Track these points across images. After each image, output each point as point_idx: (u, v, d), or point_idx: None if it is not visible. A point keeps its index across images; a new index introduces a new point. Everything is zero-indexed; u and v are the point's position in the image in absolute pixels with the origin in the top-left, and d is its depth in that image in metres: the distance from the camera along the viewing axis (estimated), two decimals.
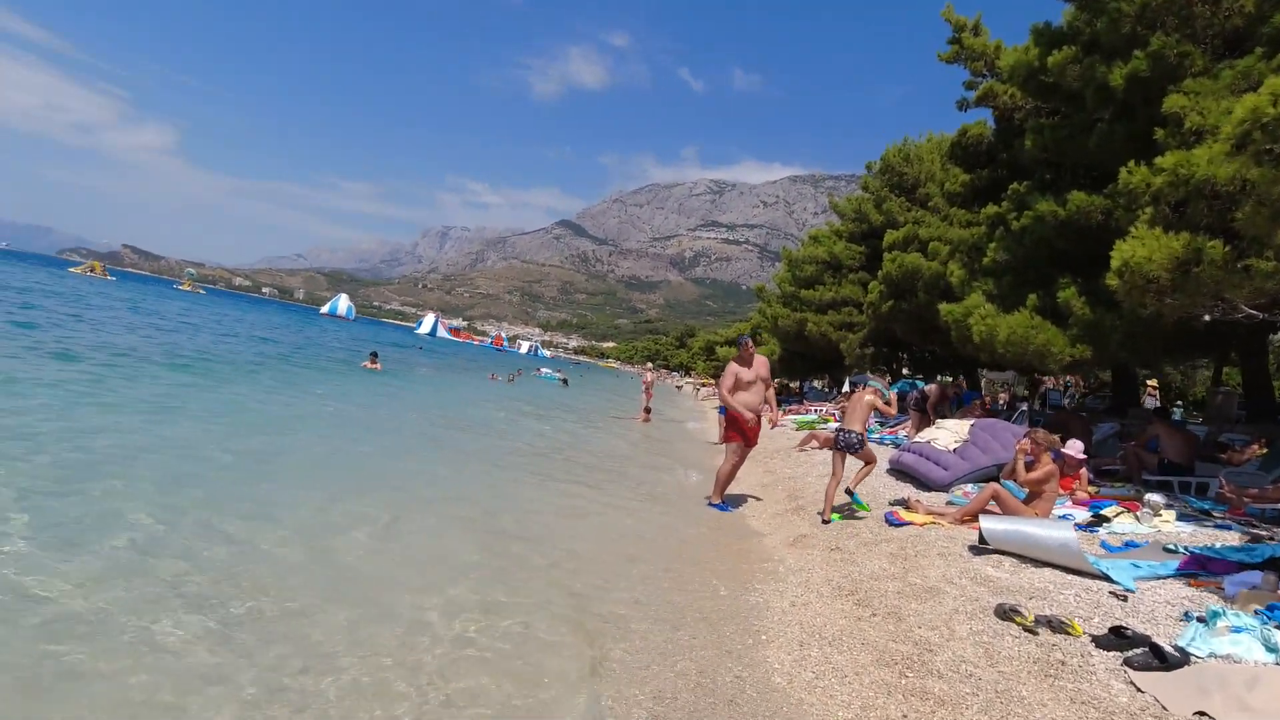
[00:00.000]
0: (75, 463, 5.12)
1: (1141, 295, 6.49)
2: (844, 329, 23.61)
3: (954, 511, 6.16)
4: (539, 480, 7.79)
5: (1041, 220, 9.57)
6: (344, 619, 3.37)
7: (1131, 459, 8.54)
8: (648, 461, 11.07)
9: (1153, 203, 6.75)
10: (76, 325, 16.30)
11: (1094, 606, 3.80)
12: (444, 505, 5.94)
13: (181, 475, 5.34)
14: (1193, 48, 7.24)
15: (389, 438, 9.32)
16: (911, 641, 3.56)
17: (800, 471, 9.80)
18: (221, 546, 4.02)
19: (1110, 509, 6.28)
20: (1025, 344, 9.28)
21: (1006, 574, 4.42)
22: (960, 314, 10.76)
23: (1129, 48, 7.87)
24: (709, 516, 7.15)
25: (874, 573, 4.79)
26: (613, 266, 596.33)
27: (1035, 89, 10.29)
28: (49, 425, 6.13)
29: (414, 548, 4.66)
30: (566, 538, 5.46)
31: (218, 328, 26.36)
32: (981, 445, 8.40)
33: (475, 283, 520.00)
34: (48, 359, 10.15)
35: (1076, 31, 9.31)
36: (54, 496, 4.32)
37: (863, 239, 24.31)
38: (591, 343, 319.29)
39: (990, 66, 12.74)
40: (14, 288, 25.91)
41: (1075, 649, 3.28)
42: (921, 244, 15.83)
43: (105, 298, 31.24)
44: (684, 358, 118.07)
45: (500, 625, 3.58)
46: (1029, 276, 10.29)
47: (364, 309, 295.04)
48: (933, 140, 21.55)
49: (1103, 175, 9.62)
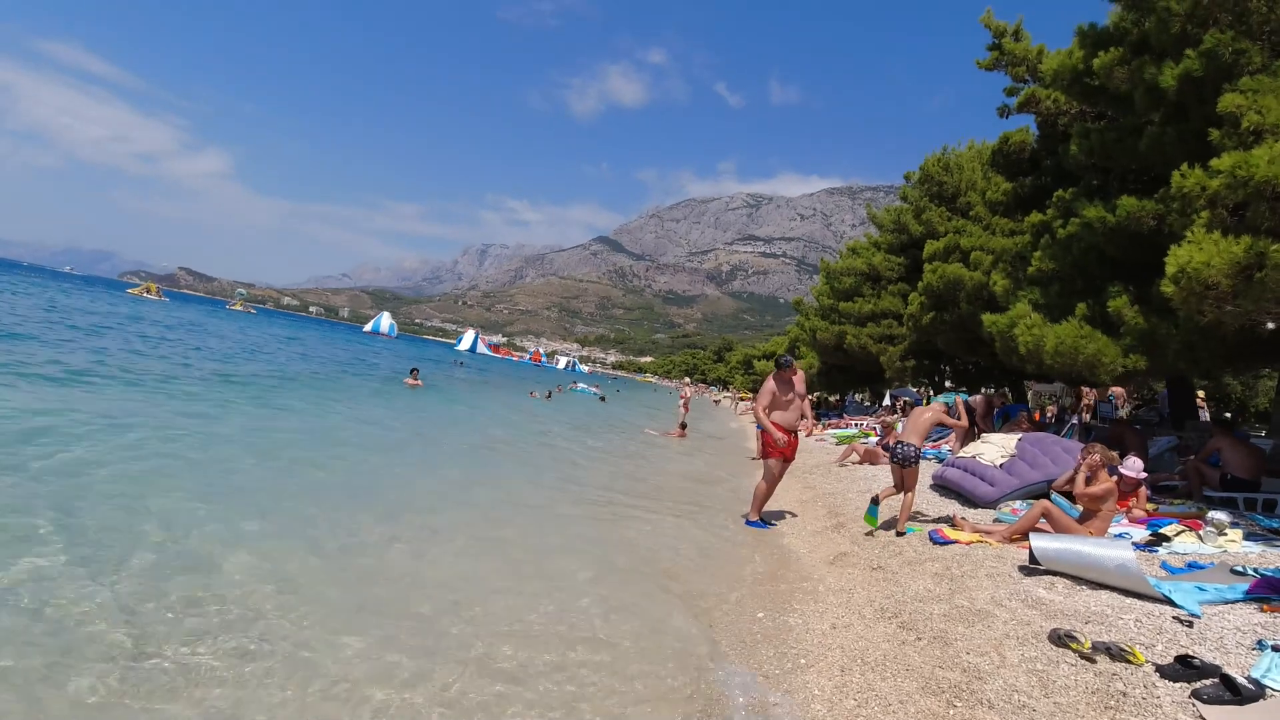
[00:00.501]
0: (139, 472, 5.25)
1: (1200, 302, 6.20)
2: (884, 341, 23.17)
3: (1002, 529, 5.93)
4: (574, 495, 7.75)
5: (1090, 227, 9.25)
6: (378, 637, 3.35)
7: (1192, 474, 8.14)
8: (683, 477, 10.95)
9: (1209, 206, 6.47)
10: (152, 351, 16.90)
11: (1156, 633, 3.58)
12: (475, 526, 5.92)
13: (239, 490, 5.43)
14: (1249, 44, 6.93)
15: (436, 457, 9.40)
16: (959, 668, 3.39)
17: (840, 488, 9.57)
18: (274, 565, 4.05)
19: (1170, 527, 5.97)
20: (1075, 354, 8.94)
21: (1060, 596, 4.21)
22: (1005, 324, 10.44)
23: (1180, 47, 7.57)
24: (746, 534, 7.00)
25: (919, 594, 4.60)
26: (650, 281, 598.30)
27: (1080, 93, 9.99)
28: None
29: (443, 566, 4.65)
30: (599, 556, 5.38)
31: (263, 348, 27.07)
32: (1030, 460, 8.10)
33: (514, 299, 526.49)
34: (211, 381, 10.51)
35: (1123, 33, 9.01)
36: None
37: (902, 250, 23.90)
38: (629, 357, 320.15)
39: (1032, 72, 12.45)
40: (97, 312, 27.04)
41: (1138, 679, 3.08)
42: (963, 254, 15.48)
43: (161, 323, 32.31)
44: (722, 372, 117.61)
45: (532, 652, 3.52)
46: (1077, 285, 9.95)
47: (406, 326, 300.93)
48: (973, 148, 21.14)
49: (1153, 179, 9.28)
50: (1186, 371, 10.43)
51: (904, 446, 6.61)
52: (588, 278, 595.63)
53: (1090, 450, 5.86)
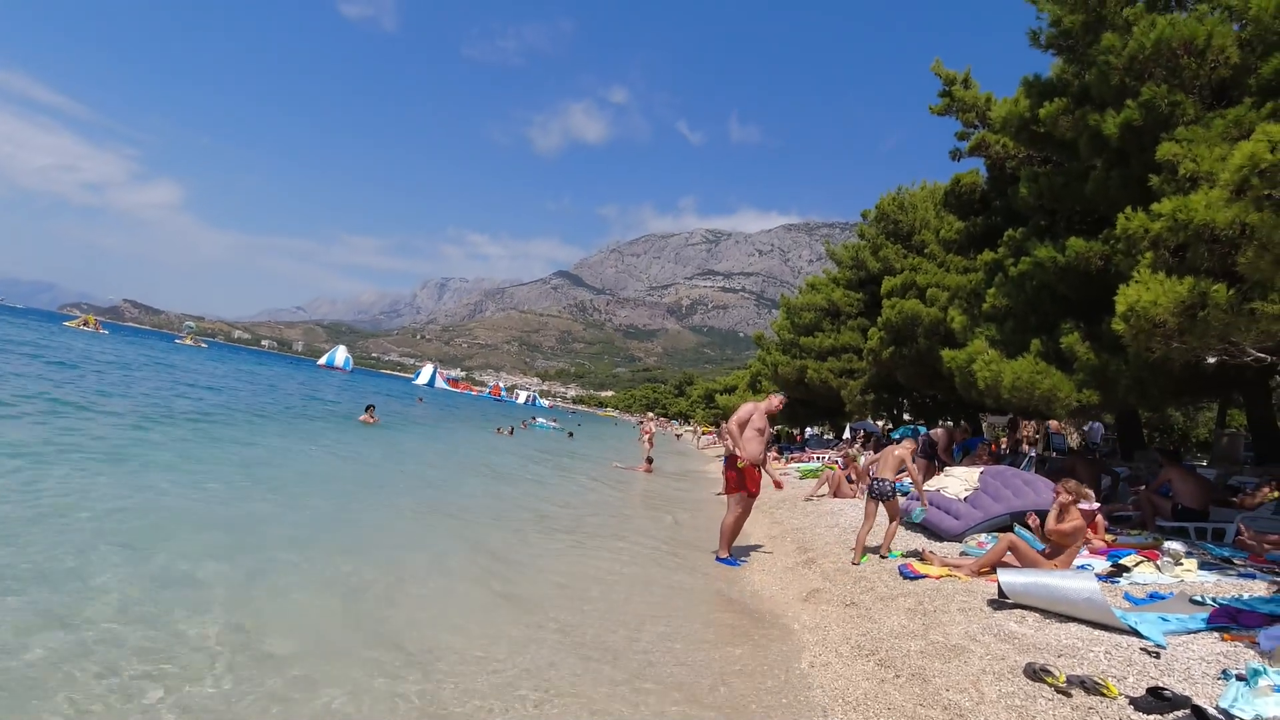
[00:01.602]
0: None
1: (1149, 339, 6.47)
2: (845, 376, 23.56)
3: (971, 563, 6.01)
4: (545, 534, 7.63)
5: (1041, 266, 9.63)
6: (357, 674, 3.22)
7: (1145, 505, 8.42)
8: (651, 515, 10.88)
9: (1153, 247, 6.80)
10: (99, 387, 16.22)
11: (1126, 664, 3.66)
12: (447, 566, 5.78)
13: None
14: (1183, 96, 7.39)
15: (383, 501, 9.17)
16: (940, 706, 3.40)
17: (809, 522, 9.62)
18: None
19: (1130, 558, 6.14)
20: (1031, 389, 9.23)
21: (1031, 630, 4.28)
22: (964, 360, 10.74)
23: (1119, 98, 8.03)
24: (718, 572, 6.97)
25: (894, 630, 4.63)
26: (610, 315, 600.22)
27: (1028, 139, 10.48)
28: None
29: (418, 608, 4.51)
30: (574, 597, 5.29)
31: (203, 385, 26.25)
32: (992, 493, 8.27)
33: (474, 333, 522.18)
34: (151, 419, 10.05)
35: (1066, 83, 9.52)
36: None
37: (860, 285, 24.47)
38: (590, 391, 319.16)
39: (982, 118, 13.02)
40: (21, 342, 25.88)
41: (1113, 712, 3.13)
42: (920, 290, 15.92)
43: (109, 356, 31.13)
44: (683, 406, 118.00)
45: (508, 687, 3.43)
46: (1031, 322, 10.32)
47: (362, 360, 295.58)
48: (926, 188, 21.88)
49: (1098, 221, 9.74)
50: (1137, 405, 10.83)
51: (879, 482, 6.98)
52: (548, 312, 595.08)
53: (1063, 484, 5.98)
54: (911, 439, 7.72)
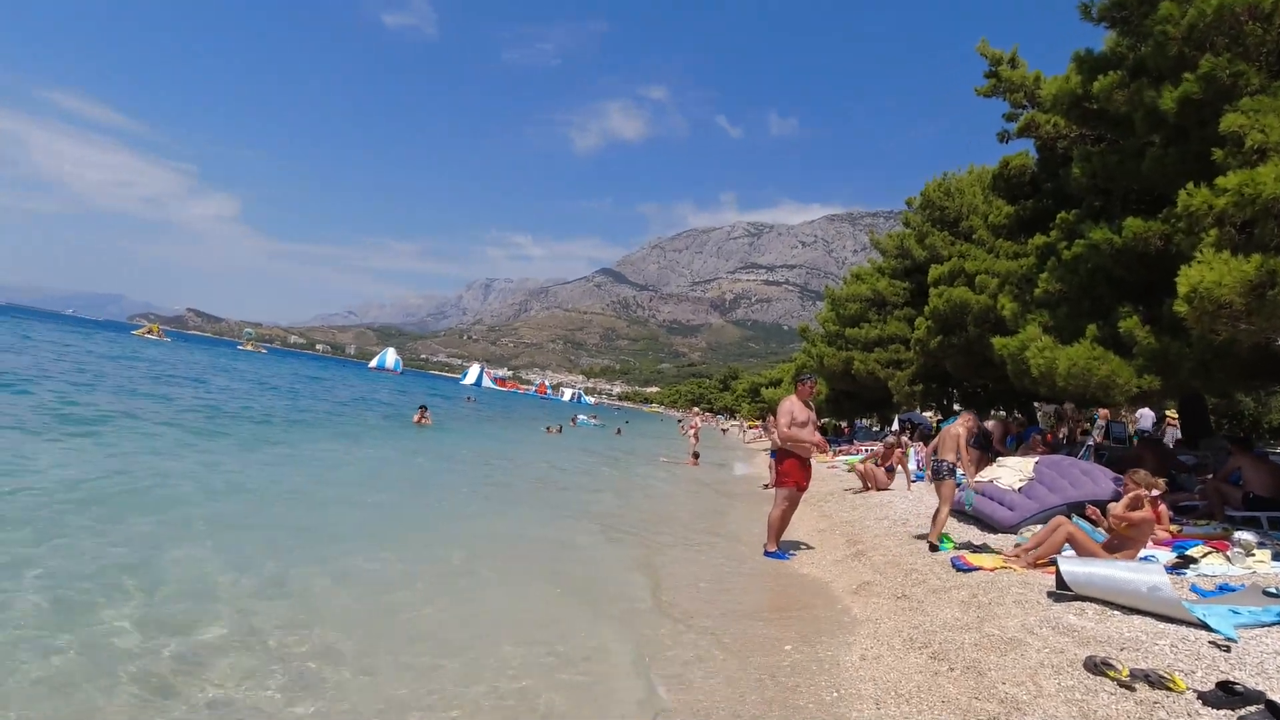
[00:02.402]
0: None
1: (1213, 321, 6.20)
2: (892, 366, 23.16)
3: (1027, 554, 5.86)
4: (597, 530, 7.70)
5: (1096, 248, 9.30)
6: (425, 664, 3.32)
7: (1213, 494, 8.06)
8: (699, 509, 10.88)
9: (1217, 224, 6.51)
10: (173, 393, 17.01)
11: (1194, 658, 3.52)
12: (505, 556, 5.89)
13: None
14: (1246, 65, 7.03)
15: (459, 504, 9.37)
16: (996, 699, 3.33)
17: (858, 515, 9.49)
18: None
19: (1197, 549, 5.91)
20: (1088, 376, 8.93)
21: (1091, 623, 4.15)
22: (1016, 347, 10.44)
23: (1178, 70, 7.69)
24: (767, 566, 6.93)
25: (947, 622, 4.54)
26: (654, 312, 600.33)
27: (1079, 116, 10.13)
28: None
29: (478, 601, 4.61)
30: (622, 591, 5.33)
31: (262, 389, 27.17)
32: (1048, 483, 8.04)
33: (519, 332, 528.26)
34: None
35: (1120, 57, 9.17)
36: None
37: (906, 275, 24.01)
38: (635, 388, 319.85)
39: (1030, 97, 12.63)
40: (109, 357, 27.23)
41: (1180, 707, 3.02)
42: (968, 277, 15.53)
43: (184, 363, 32.49)
44: (728, 400, 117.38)
45: (561, 677, 3.48)
46: (1086, 306, 9.98)
47: (412, 362, 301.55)
48: (973, 172, 21.33)
49: (1156, 200, 9.36)
50: (1201, 390, 10.39)
51: (939, 463, 7.00)
52: (591, 309, 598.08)
53: (1131, 475, 5.77)
54: (971, 415, 7.65)
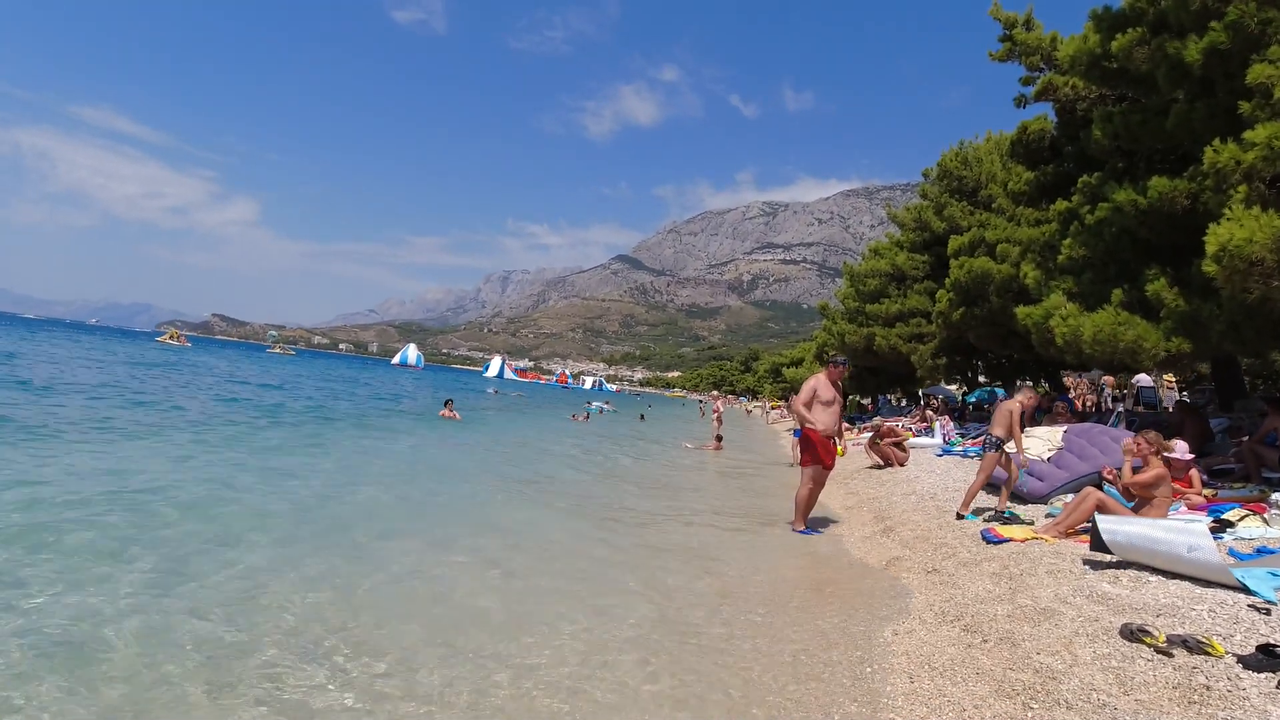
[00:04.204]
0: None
1: (1244, 280, 6.07)
2: (914, 341, 22.89)
3: (1057, 524, 5.80)
4: (623, 510, 7.74)
5: (1120, 211, 9.10)
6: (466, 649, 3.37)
7: (1249, 456, 7.89)
8: (724, 491, 10.89)
9: (1246, 180, 6.35)
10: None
11: (1233, 622, 3.47)
12: (535, 555, 5.95)
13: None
14: (1275, 13, 6.81)
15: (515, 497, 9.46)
16: (1031, 669, 3.31)
17: (884, 491, 9.45)
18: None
19: (1233, 512, 5.80)
20: (1114, 342, 8.76)
21: (1126, 590, 4.10)
22: (1040, 316, 10.27)
23: (1202, 21, 7.47)
24: (795, 543, 6.94)
25: (979, 595, 4.52)
26: (672, 296, 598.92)
27: (1099, 76, 9.88)
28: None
29: (516, 591, 4.66)
30: (651, 574, 5.36)
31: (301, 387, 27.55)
32: (1078, 452, 7.95)
33: (538, 323, 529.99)
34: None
35: (1140, 13, 8.90)
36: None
37: (925, 248, 23.68)
38: (656, 373, 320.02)
39: (1047, 59, 12.35)
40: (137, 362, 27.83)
41: (1220, 671, 2.98)
42: (989, 247, 15.29)
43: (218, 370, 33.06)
44: (750, 382, 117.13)
45: (605, 662, 3.52)
46: (1111, 271, 9.78)
47: (433, 357, 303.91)
48: (991, 140, 20.94)
49: (1182, 158, 9.13)
50: (1233, 352, 10.16)
51: (989, 437, 7.04)
52: (610, 297, 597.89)
53: (1142, 435, 5.77)
54: (1030, 389, 7.65)
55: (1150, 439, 5.66)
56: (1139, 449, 5.70)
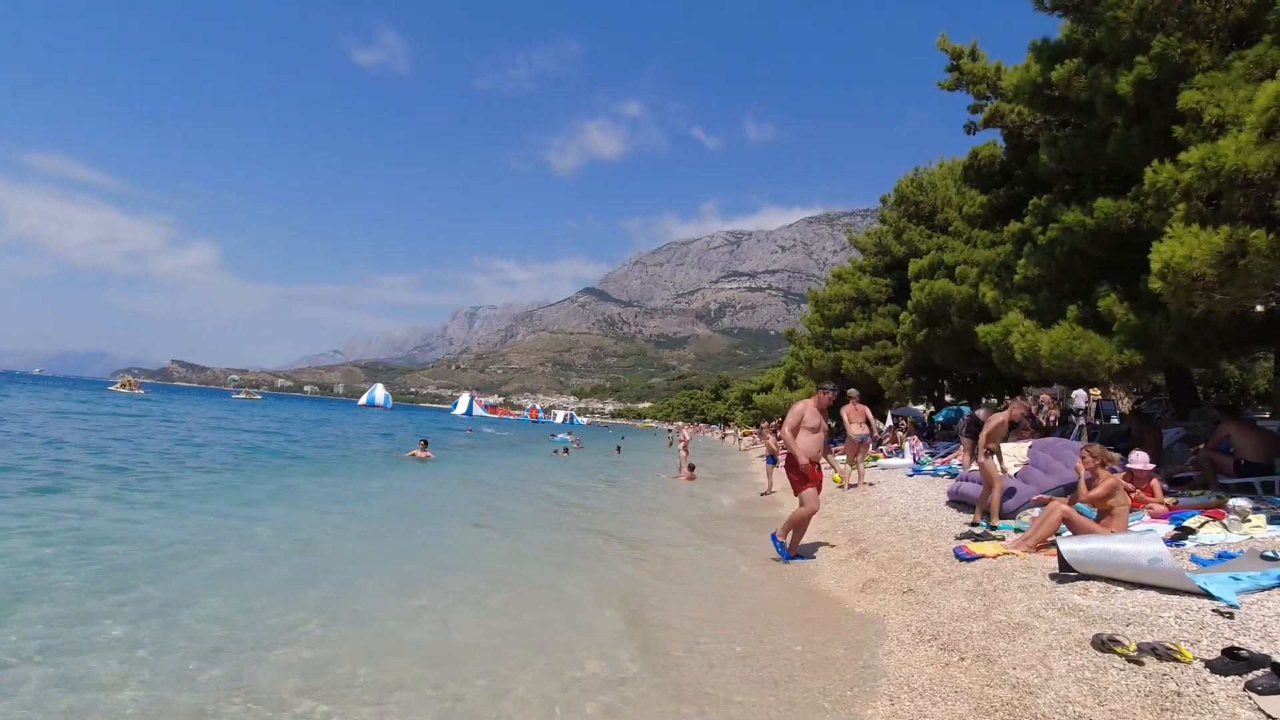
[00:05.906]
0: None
1: (1189, 294, 6.31)
2: (880, 363, 23.26)
3: (1026, 539, 5.89)
4: (602, 541, 7.66)
5: (1070, 231, 9.43)
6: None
7: (1205, 463, 8.14)
8: (699, 520, 10.85)
9: (1184, 199, 6.62)
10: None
11: (1199, 627, 3.55)
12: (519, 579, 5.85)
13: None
14: (1197, 44, 7.20)
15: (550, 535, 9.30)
16: (1008, 685, 3.34)
17: (858, 514, 9.51)
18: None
19: (1194, 519, 5.96)
20: (1070, 356, 9.03)
21: (1096, 601, 4.18)
22: (999, 334, 10.55)
23: (1133, 52, 7.86)
24: (773, 570, 6.93)
25: (954, 613, 4.56)
26: (640, 327, 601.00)
27: (1042, 104, 10.30)
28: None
29: (485, 625, 4.58)
30: (631, 600, 5.30)
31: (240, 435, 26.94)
32: (1043, 466, 8.11)
33: (507, 358, 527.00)
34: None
35: (1076, 44, 9.35)
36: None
37: (887, 271, 24.18)
38: (627, 404, 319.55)
39: (993, 88, 12.82)
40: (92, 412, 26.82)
41: (1189, 677, 3.05)
42: (948, 269, 15.68)
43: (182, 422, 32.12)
44: (721, 409, 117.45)
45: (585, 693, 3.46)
46: (1065, 289, 10.09)
47: (401, 396, 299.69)
48: (944, 165, 21.60)
49: (1125, 179, 9.50)
50: (1184, 362, 10.50)
51: (983, 449, 7.40)
52: (578, 330, 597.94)
53: (1086, 449, 5.98)
54: (1021, 401, 7.85)
55: (1095, 452, 5.84)
56: (1086, 464, 5.88)
